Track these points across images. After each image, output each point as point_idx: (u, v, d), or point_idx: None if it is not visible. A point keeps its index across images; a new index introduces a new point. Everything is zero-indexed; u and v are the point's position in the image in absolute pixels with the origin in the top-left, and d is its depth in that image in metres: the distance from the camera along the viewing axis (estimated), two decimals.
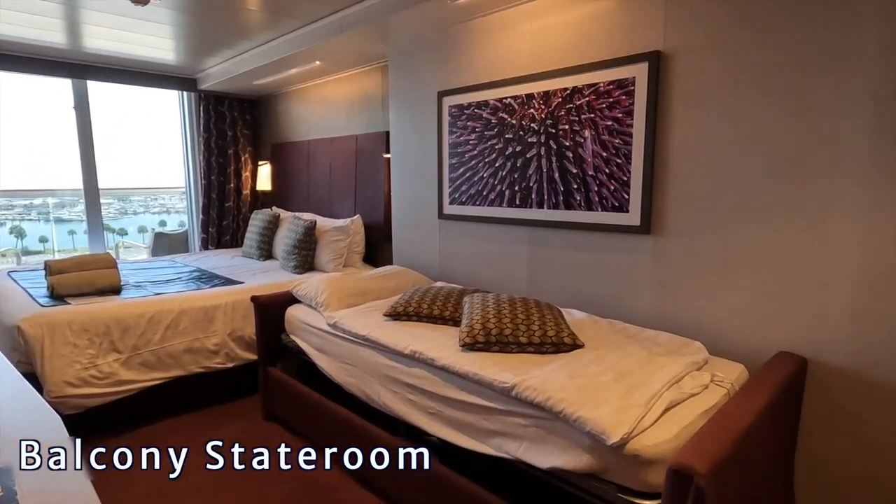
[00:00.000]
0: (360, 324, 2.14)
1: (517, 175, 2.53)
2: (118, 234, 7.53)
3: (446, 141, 2.87)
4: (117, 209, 8.21)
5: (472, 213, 2.78)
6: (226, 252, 4.61)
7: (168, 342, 2.75)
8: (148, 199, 8.35)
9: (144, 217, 8.25)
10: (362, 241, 3.79)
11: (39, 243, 7.14)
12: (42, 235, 7.22)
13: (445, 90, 2.84)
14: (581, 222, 2.29)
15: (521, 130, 2.49)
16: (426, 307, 2.14)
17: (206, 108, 4.89)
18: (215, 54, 4.00)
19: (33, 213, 7.34)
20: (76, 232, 7.25)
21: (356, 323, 2.16)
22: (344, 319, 2.21)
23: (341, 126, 4.15)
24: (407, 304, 2.16)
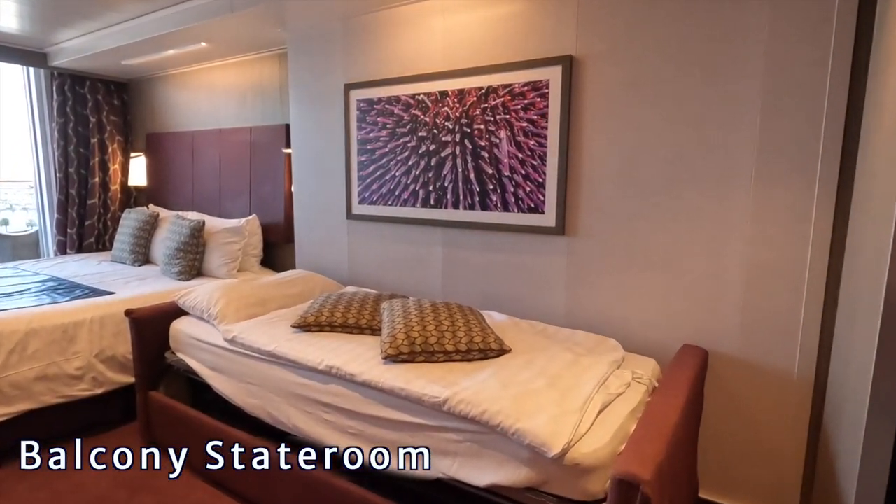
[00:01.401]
0: (264, 337, 1.89)
1: (432, 174, 2.42)
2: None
3: (355, 137, 2.68)
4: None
5: (383, 213, 2.62)
6: (91, 257, 3.94)
7: (12, 370, 2.24)
8: None
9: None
10: (259, 242, 3.45)
11: None
12: None
13: (353, 83, 2.65)
14: (498, 223, 2.25)
15: (436, 129, 2.38)
16: (340, 316, 1.95)
17: (60, 89, 4.14)
18: (72, 25, 3.38)
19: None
20: None
21: (259, 336, 1.90)
22: (244, 333, 1.94)
23: (232, 117, 3.74)
24: (318, 314, 1.96)
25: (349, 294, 2.17)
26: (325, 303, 2.03)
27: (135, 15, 3.08)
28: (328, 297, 2.12)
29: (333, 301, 2.05)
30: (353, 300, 2.06)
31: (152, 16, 3.03)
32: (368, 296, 2.14)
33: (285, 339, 1.87)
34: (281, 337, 1.89)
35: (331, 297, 2.11)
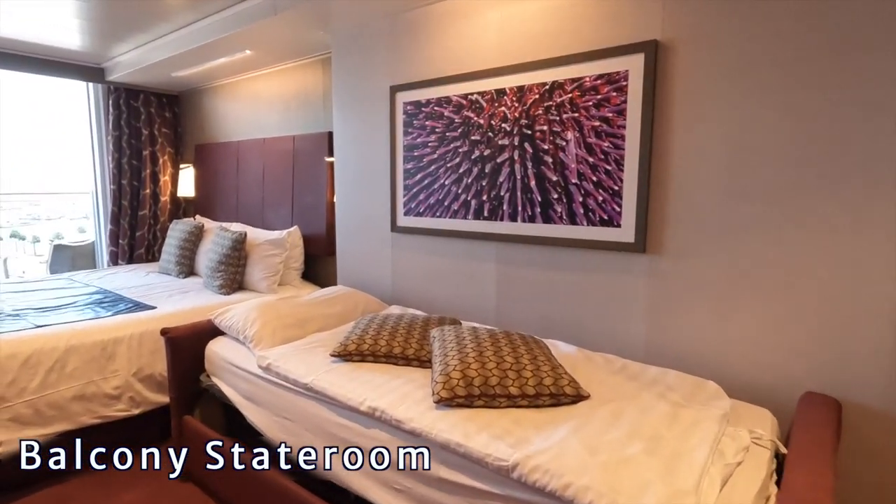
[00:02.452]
0: (301, 367, 1.66)
1: (486, 183, 2.15)
2: (33, 241, 6.53)
3: (401, 143, 2.45)
4: (31, 213, 7.17)
5: (431, 225, 2.36)
6: (140, 267, 3.90)
7: (51, 389, 2.12)
8: (54, 205, 7.29)
9: (59, 223, 7.26)
10: (301, 255, 3.28)
11: None
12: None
13: (399, 85, 2.42)
14: (563, 238, 1.94)
15: (491, 131, 2.11)
16: (384, 343, 1.70)
17: (115, 103, 4.16)
18: (126, 39, 3.34)
19: None
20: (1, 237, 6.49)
21: (296, 366, 1.68)
22: (280, 360, 1.72)
23: (275, 125, 3.60)
24: (360, 341, 1.71)
25: (394, 317, 1.91)
26: (368, 328, 1.79)
27: (182, 25, 2.99)
28: (371, 321, 1.87)
29: (377, 326, 1.80)
30: (398, 325, 1.81)
31: (198, 24, 2.92)
32: (416, 320, 1.88)
33: (324, 369, 1.63)
34: (319, 367, 1.65)
35: (374, 321, 1.86)
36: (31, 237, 6.65)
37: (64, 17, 2.92)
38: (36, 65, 3.76)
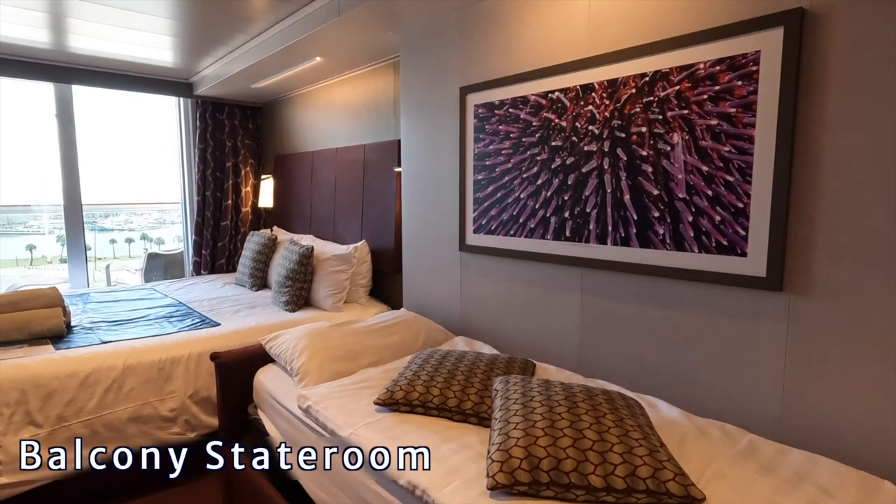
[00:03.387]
0: (340, 414, 1.45)
1: (568, 196, 1.83)
2: (156, 242, 7.28)
3: (471, 150, 2.20)
4: (157, 219, 8.04)
5: (503, 245, 2.08)
6: (218, 278, 4.01)
7: (107, 409, 2.12)
8: (151, 215, 8.04)
9: (156, 232, 8.04)
10: (368, 271, 3.14)
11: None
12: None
13: (470, 85, 2.17)
14: (665, 266, 1.57)
15: (575, 136, 1.79)
16: (437, 393, 1.44)
17: (202, 116, 4.35)
18: (210, 53, 3.44)
19: None
20: (117, 241, 7.44)
21: (336, 412, 1.47)
22: (321, 403, 1.53)
23: (347, 134, 3.53)
24: (409, 387, 1.47)
25: (455, 356, 1.65)
26: (421, 370, 1.54)
27: (256, 34, 2.99)
28: (426, 360, 1.62)
29: (432, 368, 1.55)
30: (457, 368, 1.54)
31: (269, 32, 2.90)
32: (479, 361, 1.60)
33: (364, 421, 1.41)
34: (360, 417, 1.43)
35: (430, 360, 1.61)
36: (129, 245, 7.37)
37: (158, 36, 3.05)
38: (133, 82, 4.02)
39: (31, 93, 4.17)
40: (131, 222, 8.03)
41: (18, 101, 4.11)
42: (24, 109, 4.32)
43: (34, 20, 2.79)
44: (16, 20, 2.79)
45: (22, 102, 4.13)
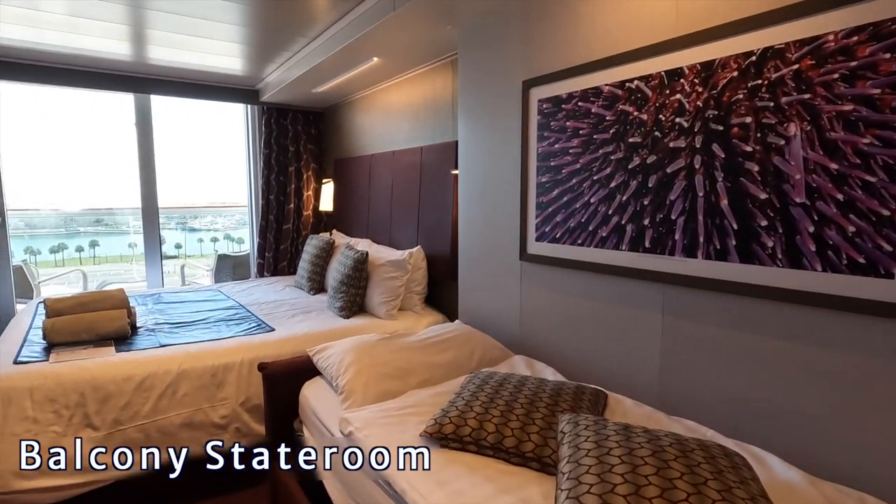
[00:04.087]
0: (396, 438, 1.28)
1: (648, 201, 1.56)
2: (236, 241, 7.69)
3: (534, 150, 1.97)
4: (234, 220, 8.52)
5: (570, 255, 1.83)
6: (279, 281, 4.01)
7: (161, 415, 2.08)
8: (234, 217, 8.43)
9: (243, 232, 8.52)
10: (424, 278, 2.97)
11: (175, 249, 7.86)
12: (177, 242, 7.79)
13: (534, 78, 1.94)
14: (775, 287, 1.26)
15: (659, 130, 1.52)
16: (492, 430, 1.23)
17: (268, 122, 4.40)
18: (273, 58, 3.43)
19: (172, 222, 8.35)
20: (203, 240, 8.05)
21: (381, 439, 1.30)
22: (364, 431, 1.36)
23: (405, 136, 3.39)
24: (461, 421, 1.27)
25: (515, 381, 1.43)
26: (474, 400, 1.33)
27: (314, 37, 2.91)
28: (480, 387, 1.42)
29: (486, 398, 1.34)
30: (515, 401, 1.32)
31: (327, 34, 2.81)
32: (540, 395, 1.37)
33: (409, 453, 1.22)
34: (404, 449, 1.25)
35: (483, 388, 1.40)
36: (215, 244, 7.75)
37: (229, 44, 3.06)
38: (205, 91, 4.11)
39: (114, 103, 4.39)
40: (216, 223, 8.51)
41: (104, 110, 4.37)
42: (108, 118, 4.58)
43: (118, 33, 2.87)
44: (101, 34, 2.88)
45: (106, 112, 4.38)
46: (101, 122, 4.38)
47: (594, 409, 1.36)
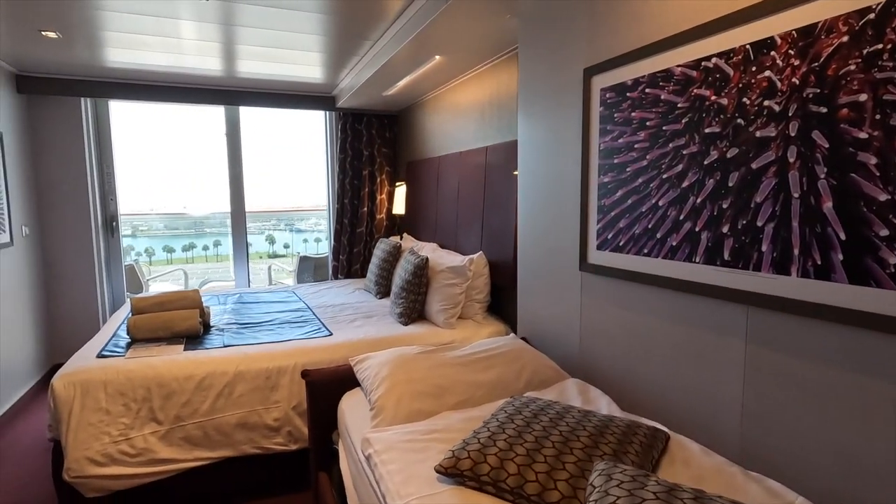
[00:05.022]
0: (399, 476, 1.16)
1: (728, 204, 1.28)
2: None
3: (595, 145, 1.74)
4: (289, 226, 9.12)
5: (635, 266, 1.59)
6: (351, 283, 4.07)
7: (218, 414, 2.14)
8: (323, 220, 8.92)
9: (310, 235, 9.01)
10: (486, 286, 2.82)
11: (284, 248, 8.69)
12: (286, 242, 8.52)
13: (596, 64, 1.72)
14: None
15: (742, 117, 1.24)
16: (513, 471, 1.05)
17: (343, 127, 4.50)
18: (345, 64, 3.48)
19: (281, 224, 9.13)
20: (308, 240, 8.77)
21: (396, 471, 1.18)
22: (384, 455, 1.25)
23: (471, 136, 3.26)
24: (479, 457, 1.11)
25: (548, 417, 1.23)
26: (499, 433, 1.17)
27: (377, 38, 2.89)
28: (512, 416, 1.24)
29: (514, 431, 1.17)
30: (546, 439, 1.13)
31: (388, 35, 2.77)
32: (579, 431, 1.17)
33: (422, 492, 1.09)
34: (418, 486, 1.12)
35: (514, 418, 1.23)
36: (318, 245, 8.24)
37: (309, 54, 3.17)
38: (288, 100, 4.30)
39: (208, 115, 4.76)
40: (320, 224, 9.05)
41: (198, 122, 4.78)
42: (203, 129, 4.99)
43: (211, 50, 3.07)
44: (197, 52, 3.10)
45: (202, 123, 4.79)
46: (199, 132, 4.81)
47: (645, 454, 1.13)
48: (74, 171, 3.79)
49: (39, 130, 3.69)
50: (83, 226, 3.86)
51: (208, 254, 8.94)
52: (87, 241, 3.89)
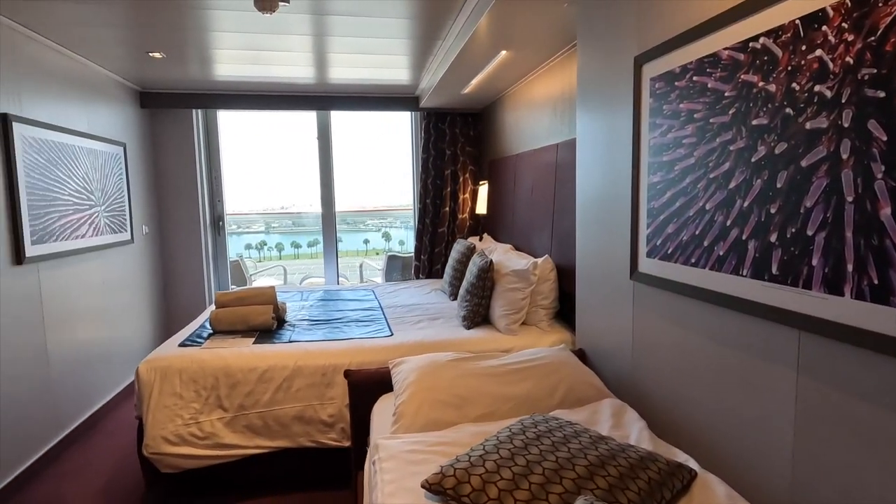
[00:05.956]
0: (391, 486, 1.21)
1: (776, 208, 1.13)
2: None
3: (646, 142, 1.63)
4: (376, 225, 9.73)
5: (681, 277, 1.46)
6: (429, 284, 4.21)
7: (277, 406, 2.37)
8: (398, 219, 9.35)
9: (397, 233, 9.55)
10: (553, 292, 2.75)
11: (399, 245, 9.58)
12: (400, 239, 9.55)
13: (646, 51, 1.60)
14: None
15: (790, 105, 1.09)
16: (493, 495, 1.03)
17: (426, 127, 4.64)
18: (423, 64, 3.61)
19: (398, 221, 9.94)
20: (393, 240, 9.66)
21: (390, 480, 1.23)
22: (386, 463, 1.31)
23: (544, 133, 3.20)
24: (464, 475, 1.11)
25: (550, 442, 1.19)
26: (491, 453, 1.15)
27: (444, 36, 2.95)
28: (512, 436, 1.22)
29: (507, 453, 1.15)
30: (539, 465, 1.09)
31: (454, 31, 2.82)
32: (577, 461, 1.11)
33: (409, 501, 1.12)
34: (403, 499, 1.15)
35: (514, 439, 1.20)
36: (402, 245, 8.73)
37: (395, 57, 3.37)
38: (375, 103, 4.55)
39: (301, 120, 5.20)
40: (408, 224, 9.60)
41: (293, 126, 5.27)
42: (297, 133, 5.49)
43: (305, 60, 3.40)
44: (292, 63, 3.46)
45: (294, 127, 5.28)
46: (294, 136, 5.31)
47: (651, 493, 1.05)
48: (187, 175, 4.39)
49: (158, 140, 4.34)
50: (193, 225, 4.46)
51: (313, 251, 9.80)
52: (197, 238, 4.48)
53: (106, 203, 3.47)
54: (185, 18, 2.57)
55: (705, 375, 1.39)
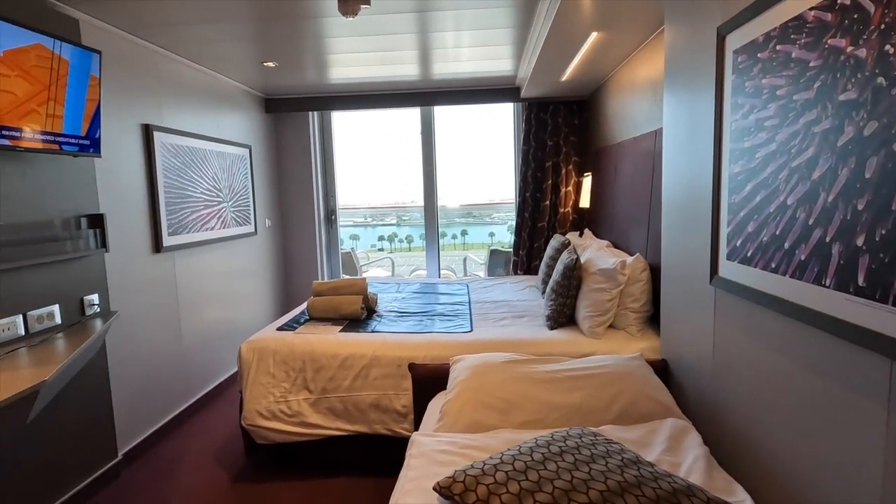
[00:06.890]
0: (410, 483, 1.21)
1: (864, 204, 0.92)
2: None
3: (728, 126, 1.42)
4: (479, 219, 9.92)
5: (759, 284, 1.25)
6: (526, 280, 4.14)
7: (356, 392, 2.50)
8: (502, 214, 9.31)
9: (501, 229, 9.60)
10: (645, 294, 2.53)
11: (489, 237, 9.88)
12: (491, 231, 9.70)
13: (730, 20, 1.39)
14: None
15: (882, 74, 0.87)
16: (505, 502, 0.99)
17: (528, 119, 4.54)
18: (519, 53, 3.53)
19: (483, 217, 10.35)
20: (495, 234, 9.95)
21: (412, 478, 1.24)
22: (415, 459, 1.32)
23: (644, 119, 2.94)
24: (473, 482, 1.06)
25: (573, 458, 1.09)
26: (507, 463, 1.09)
27: (531, 24, 2.85)
28: (536, 448, 1.14)
29: (522, 465, 1.08)
30: (550, 482, 1.01)
31: (540, 11, 2.70)
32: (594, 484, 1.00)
33: None
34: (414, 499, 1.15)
35: (537, 451, 1.13)
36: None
37: (499, 48, 3.37)
38: (478, 96, 4.56)
39: (405, 117, 5.39)
40: (511, 219, 9.66)
41: (398, 123, 5.47)
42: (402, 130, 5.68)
43: (410, 58, 3.55)
44: (399, 62, 3.62)
45: (399, 124, 5.48)
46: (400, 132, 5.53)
47: None
48: (304, 173, 4.80)
49: (279, 142, 4.80)
50: (309, 218, 4.87)
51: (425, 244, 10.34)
52: (312, 231, 4.89)
53: (233, 199, 3.93)
54: (302, 28, 2.79)
55: (785, 403, 1.18)
